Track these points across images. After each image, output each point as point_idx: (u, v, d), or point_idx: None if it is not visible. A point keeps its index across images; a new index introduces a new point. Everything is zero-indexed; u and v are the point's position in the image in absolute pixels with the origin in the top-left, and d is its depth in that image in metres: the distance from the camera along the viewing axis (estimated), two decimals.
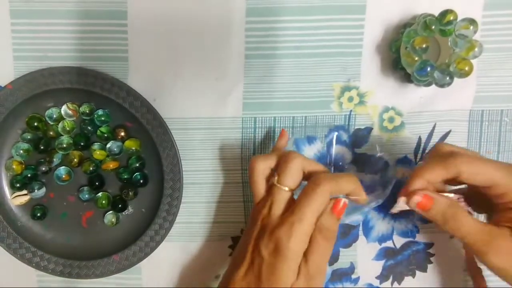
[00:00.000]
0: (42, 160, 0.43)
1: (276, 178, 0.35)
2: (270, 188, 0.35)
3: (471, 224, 0.32)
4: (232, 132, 0.43)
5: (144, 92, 0.42)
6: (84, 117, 0.43)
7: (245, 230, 0.38)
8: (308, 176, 0.35)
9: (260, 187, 0.36)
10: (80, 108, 0.42)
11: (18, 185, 0.43)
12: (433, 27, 0.36)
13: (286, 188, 0.34)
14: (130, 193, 0.43)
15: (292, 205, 0.34)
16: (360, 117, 0.43)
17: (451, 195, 0.35)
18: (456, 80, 0.37)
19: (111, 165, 0.43)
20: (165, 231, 0.43)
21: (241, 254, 0.35)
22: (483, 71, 0.42)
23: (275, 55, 0.42)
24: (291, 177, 0.34)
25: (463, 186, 0.35)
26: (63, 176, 0.43)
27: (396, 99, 0.43)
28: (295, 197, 0.35)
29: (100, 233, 0.44)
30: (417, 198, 0.33)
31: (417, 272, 0.46)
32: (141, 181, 0.43)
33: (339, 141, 0.44)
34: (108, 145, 0.43)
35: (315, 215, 0.33)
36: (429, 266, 0.45)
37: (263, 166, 0.36)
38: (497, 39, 0.42)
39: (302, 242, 0.33)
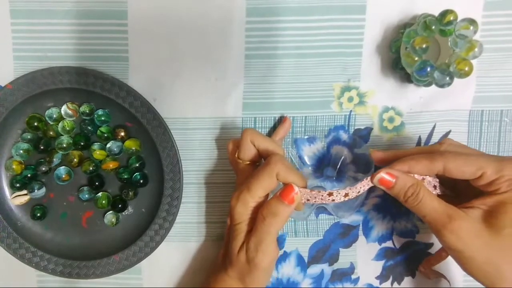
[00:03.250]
0: (42, 160, 0.43)
1: (237, 153, 0.39)
2: (235, 163, 0.39)
3: (433, 203, 0.33)
4: (232, 132, 0.43)
5: (144, 92, 0.42)
6: (84, 117, 0.43)
7: None
8: (265, 154, 0.38)
9: (233, 163, 0.40)
10: (80, 108, 0.42)
11: (18, 185, 0.43)
12: (433, 27, 0.36)
13: (244, 162, 0.38)
14: (130, 193, 0.43)
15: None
16: (360, 117, 0.43)
17: (432, 177, 0.36)
18: (456, 80, 0.37)
19: (111, 165, 0.43)
20: (165, 231, 0.43)
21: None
22: (483, 71, 0.42)
23: (275, 55, 0.42)
24: (243, 151, 0.38)
25: None
26: (63, 176, 0.43)
27: (396, 99, 0.43)
28: None
29: (100, 233, 0.44)
30: (380, 175, 0.34)
31: (417, 272, 0.46)
32: (141, 181, 0.43)
33: (339, 141, 0.44)
34: (108, 145, 0.43)
35: (262, 190, 0.35)
36: None
37: (232, 146, 0.40)
38: (497, 39, 0.42)
39: (247, 208, 0.36)
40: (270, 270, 0.37)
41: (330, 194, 0.35)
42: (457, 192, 0.38)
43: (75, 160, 0.42)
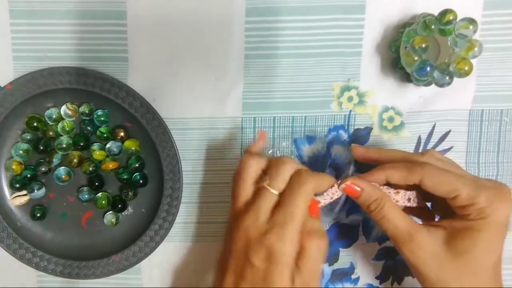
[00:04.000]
0: (42, 160, 0.43)
1: (267, 180, 0.33)
2: (258, 190, 0.34)
3: (395, 220, 0.33)
4: (232, 132, 0.43)
5: (143, 92, 0.42)
6: (84, 117, 0.43)
7: (225, 237, 0.36)
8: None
9: (248, 189, 0.34)
10: (80, 108, 0.42)
11: (17, 185, 0.43)
12: (433, 26, 0.36)
13: (276, 192, 0.33)
14: (130, 193, 0.43)
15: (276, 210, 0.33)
16: (359, 117, 0.43)
17: (401, 190, 0.36)
18: (455, 79, 0.37)
19: (111, 165, 0.43)
20: (165, 231, 0.43)
21: (224, 269, 0.34)
22: (482, 70, 0.42)
23: (275, 55, 0.42)
24: (283, 181, 0.33)
25: None
26: (63, 177, 0.43)
27: (396, 99, 0.43)
28: None
29: (100, 233, 0.44)
30: (345, 183, 0.34)
31: None
32: (141, 181, 0.43)
33: (339, 141, 0.44)
34: (107, 145, 0.43)
35: (304, 213, 0.32)
36: None
37: (256, 167, 0.35)
38: (497, 38, 0.42)
39: (294, 243, 0.32)
40: None
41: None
42: (434, 204, 0.38)
43: (74, 160, 0.42)
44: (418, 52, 0.37)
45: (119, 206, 0.43)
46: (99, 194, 0.43)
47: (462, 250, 0.32)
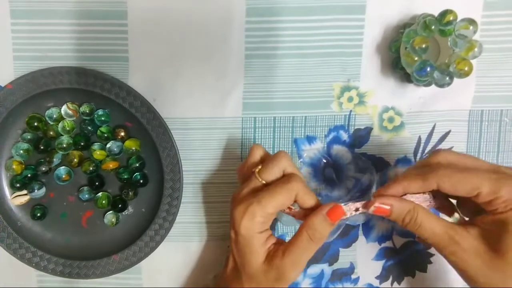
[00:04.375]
0: (42, 160, 0.43)
1: (258, 168, 0.36)
2: (251, 174, 0.36)
3: (432, 227, 0.33)
4: (232, 132, 0.43)
5: (144, 92, 0.42)
6: (84, 117, 0.43)
7: None
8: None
9: (246, 174, 0.37)
10: (80, 108, 0.42)
11: (18, 185, 0.43)
12: (433, 27, 0.36)
13: (263, 181, 0.36)
14: (130, 193, 0.43)
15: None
16: (360, 117, 0.43)
17: (425, 194, 0.35)
18: (455, 80, 0.37)
19: (111, 165, 0.43)
20: (165, 231, 0.43)
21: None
22: (482, 71, 0.42)
23: (275, 55, 0.42)
24: (271, 174, 0.36)
25: None
26: (63, 176, 0.43)
27: (396, 99, 0.43)
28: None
29: (100, 233, 0.44)
30: (374, 206, 0.34)
31: (417, 272, 0.46)
32: (141, 181, 0.43)
33: (339, 141, 0.44)
34: (108, 145, 0.43)
35: (275, 207, 0.34)
36: (429, 266, 0.45)
37: (259, 154, 0.38)
38: (497, 39, 0.42)
39: (254, 222, 0.34)
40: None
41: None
42: (461, 204, 0.36)
43: (75, 160, 0.42)
44: (418, 53, 0.37)
45: (119, 206, 0.43)
46: (100, 194, 0.43)
47: (502, 248, 0.31)
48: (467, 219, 0.36)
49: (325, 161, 0.44)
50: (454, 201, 0.36)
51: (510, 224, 0.31)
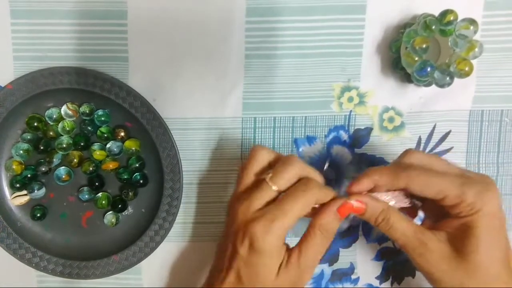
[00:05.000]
0: (42, 160, 0.43)
1: (270, 175, 0.34)
2: (259, 182, 0.34)
3: (403, 228, 0.33)
4: (232, 132, 0.43)
5: (144, 92, 0.42)
6: (84, 117, 0.43)
7: (225, 221, 0.37)
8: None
9: (250, 178, 0.35)
10: (80, 108, 0.42)
11: (18, 185, 0.43)
12: (433, 27, 0.36)
13: (276, 188, 0.34)
14: (130, 193, 0.43)
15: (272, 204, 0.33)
16: (360, 117, 0.43)
17: (395, 192, 0.35)
18: (456, 80, 0.37)
19: (111, 165, 0.43)
20: (165, 231, 0.43)
21: (221, 251, 0.35)
22: (483, 71, 0.42)
23: (275, 55, 0.42)
24: (286, 180, 0.34)
25: None
26: (63, 177, 0.43)
27: (396, 99, 0.43)
28: None
29: (100, 233, 0.44)
30: (350, 204, 0.34)
31: (417, 272, 0.46)
32: (141, 181, 0.43)
33: (339, 141, 0.44)
34: (108, 145, 0.43)
35: (297, 217, 0.33)
36: None
37: (265, 157, 0.36)
38: (497, 39, 0.42)
39: (279, 239, 0.32)
40: None
41: None
42: (425, 205, 0.37)
43: (75, 160, 0.42)
44: (418, 53, 0.37)
45: (119, 206, 0.43)
46: (99, 194, 0.43)
47: (467, 250, 0.32)
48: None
49: (328, 164, 0.43)
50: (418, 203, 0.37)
51: (474, 227, 0.32)
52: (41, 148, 0.42)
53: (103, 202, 0.43)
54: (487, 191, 0.32)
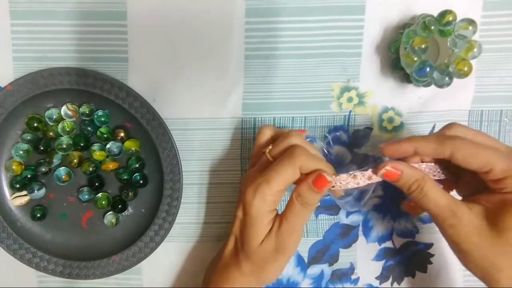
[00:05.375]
0: (42, 160, 0.43)
1: (269, 148, 0.36)
2: (262, 155, 0.37)
3: (436, 198, 0.33)
4: (232, 133, 0.43)
5: (143, 93, 0.42)
6: (84, 118, 0.43)
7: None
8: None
9: (258, 152, 0.38)
10: (80, 109, 0.42)
11: (18, 185, 0.43)
12: (432, 27, 0.36)
13: (270, 158, 0.36)
14: (130, 193, 0.43)
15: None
16: (359, 117, 0.43)
17: (431, 164, 0.35)
18: (455, 80, 0.37)
19: (111, 165, 0.43)
20: (165, 231, 0.43)
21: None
22: (482, 71, 0.42)
23: (275, 55, 0.42)
24: (280, 151, 0.36)
25: None
26: (63, 177, 0.43)
27: (396, 100, 0.43)
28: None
29: (100, 233, 0.44)
30: (385, 168, 0.34)
31: (417, 272, 0.46)
32: (141, 181, 0.43)
33: (338, 141, 0.44)
34: (107, 146, 0.43)
35: (283, 183, 0.34)
36: (429, 266, 0.45)
37: (268, 133, 0.38)
38: (496, 39, 0.42)
39: (265, 202, 0.34)
40: (291, 257, 0.37)
41: (354, 177, 0.34)
42: (459, 176, 0.37)
43: (75, 160, 0.42)
44: (417, 53, 0.37)
45: (119, 206, 0.43)
46: (99, 195, 0.43)
47: (504, 227, 0.32)
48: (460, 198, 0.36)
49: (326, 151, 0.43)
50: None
51: None
52: (41, 148, 0.42)
53: (103, 202, 0.43)
54: None
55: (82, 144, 0.42)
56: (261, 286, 0.37)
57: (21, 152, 0.42)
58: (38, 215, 0.43)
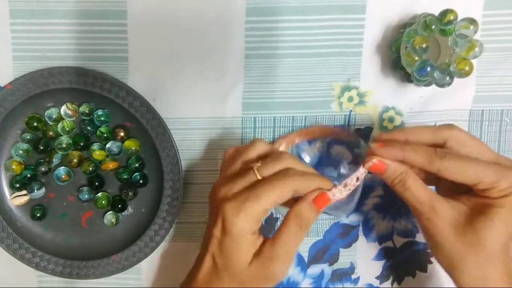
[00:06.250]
0: (42, 160, 0.43)
1: (258, 164, 0.34)
2: (246, 170, 0.34)
3: (419, 192, 0.34)
4: (232, 132, 0.43)
5: (143, 92, 0.42)
6: (84, 117, 0.43)
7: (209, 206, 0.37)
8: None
9: (239, 165, 0.35)
10: (80, 108, 0.42)
11: (17, 185, 0.43)
12: (433, 26, 0.36)
13: (261, 178, 0.33)
14: (130, 193, 0.43)
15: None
16: (360, 117, 0.43)
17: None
18: (456, 80, 0.37)
19: (111, 165, 0.43)
20: (165, 231, 0.43)
21: (204, 238, 0.36)
22: (483, 70, 0.42)
23: (275, 55, 0.42)
24: (272, 171, 0.33)
25: None
26: (63, 176, 0.43)
27: (396, 99, 0.43)
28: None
29: (100, 233, 0.44)
30: (371, 162, 0.34)
31: (417, 272, 0.46)
32: (141, 181, 0.43)
33: (339, 141, 0.44)
34: (107, 145, 0.43)
35: (272, 201, 0.32)
36: (429, 266, 0.45)
37: (260, 148, 0.36)
38: (497, 38, 0.42)
39: (250, 221, 0.32)
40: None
41: (345, 185, 0.34)
42: (441, 185, 0.38)
43: (74, 160, 0.42)
44: (418, 52, 0.37)
45: (119, 206, 0.43)
46: (99, 194, 0.43)
47: (480, 225, 0.33)
48: None
49: (325, 161, 0.43)
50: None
51: (496, 207, 0.33)
52: (41, 148, 0.42)
53: (103, 202, 0.43)
54: None
55: (82, 144, 0.42)
56: None
57: (21, 151, 0.42)
58: (38, 214, 0.43)
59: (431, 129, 0.35)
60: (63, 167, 0.43)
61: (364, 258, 0.45)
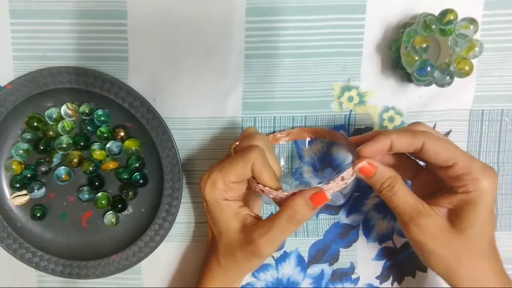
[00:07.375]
0: (42, 160, 0.43)
1: (236, 144, 0.38)
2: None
3: (405, 197, 0.35)
4: (232, 132, 0.43)
5: (144, 92, 0.42)
6: (84, 117, 0.43)
7: None
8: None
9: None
10: (80, 108, 0.42)
11: (17, 185, 0.43)
12: (433, 26, 0.36)
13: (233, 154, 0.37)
14: (130, 193, 0.43)
15: None
16: (360, 117, 0.43)
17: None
18: (456, 79, 0.37)
19: (111, 165, 0.43)
20: (165, 231, 0.43)
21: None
22: (483, 70, 0.42)
23: (275, 54, 0.42)
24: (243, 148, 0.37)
25: None
26: (63, 176, 0.43)
27: (396, 99, 0.43)
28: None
29: (100, 233, 0.44)
30: (361, 164, 0.35)
31: (417, 272, 0.46)
32: (141, 181, 0.43)
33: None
34: (107, 145, 0.43)
35: (234, 176, 0.35)
36: None
37: (249, 131, 0.40)
38: (498, 38, 0.42)
39: (215, 189, 0.35)
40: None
41: (342, 179, 0.35)
42: (415, 176, 0.39)
43: (74, 160, 0.42)
44: (418, 52, 0.37)
45: (119, 206, 0.43)
46: (99, 194, 0.43)
47: (464, 226, 0.34)
48: None
49: (325, 161, 0.43)
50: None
51: (475, 204, 0.33)
52: (41, 148, 0.42)
53: (103, 202, 0.43)
54: (490, 169, 0.34)
55: (82, 144, 0.42)
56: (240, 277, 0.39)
57: (21, 151, 0.42)
58: (38, 214, 0.43)
59: (410, 134, 0.35)
60: (63, 167, 0.43)
61: (364, 258, 0.45)
